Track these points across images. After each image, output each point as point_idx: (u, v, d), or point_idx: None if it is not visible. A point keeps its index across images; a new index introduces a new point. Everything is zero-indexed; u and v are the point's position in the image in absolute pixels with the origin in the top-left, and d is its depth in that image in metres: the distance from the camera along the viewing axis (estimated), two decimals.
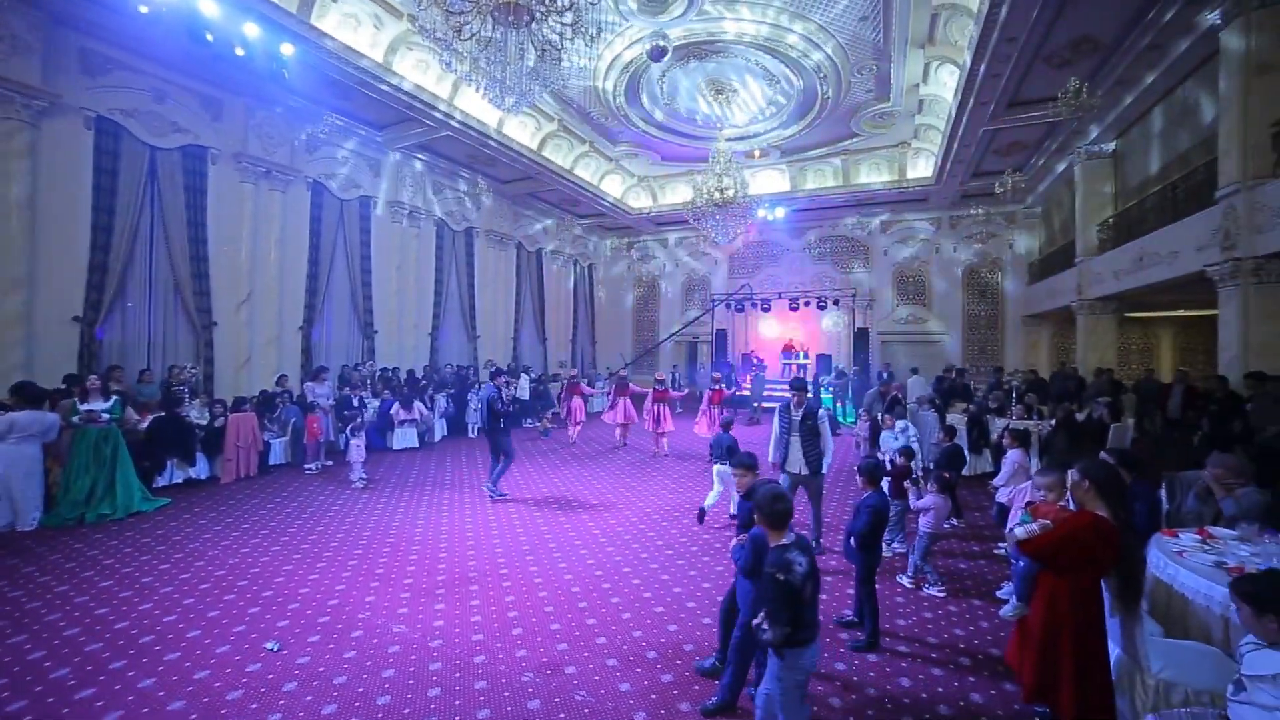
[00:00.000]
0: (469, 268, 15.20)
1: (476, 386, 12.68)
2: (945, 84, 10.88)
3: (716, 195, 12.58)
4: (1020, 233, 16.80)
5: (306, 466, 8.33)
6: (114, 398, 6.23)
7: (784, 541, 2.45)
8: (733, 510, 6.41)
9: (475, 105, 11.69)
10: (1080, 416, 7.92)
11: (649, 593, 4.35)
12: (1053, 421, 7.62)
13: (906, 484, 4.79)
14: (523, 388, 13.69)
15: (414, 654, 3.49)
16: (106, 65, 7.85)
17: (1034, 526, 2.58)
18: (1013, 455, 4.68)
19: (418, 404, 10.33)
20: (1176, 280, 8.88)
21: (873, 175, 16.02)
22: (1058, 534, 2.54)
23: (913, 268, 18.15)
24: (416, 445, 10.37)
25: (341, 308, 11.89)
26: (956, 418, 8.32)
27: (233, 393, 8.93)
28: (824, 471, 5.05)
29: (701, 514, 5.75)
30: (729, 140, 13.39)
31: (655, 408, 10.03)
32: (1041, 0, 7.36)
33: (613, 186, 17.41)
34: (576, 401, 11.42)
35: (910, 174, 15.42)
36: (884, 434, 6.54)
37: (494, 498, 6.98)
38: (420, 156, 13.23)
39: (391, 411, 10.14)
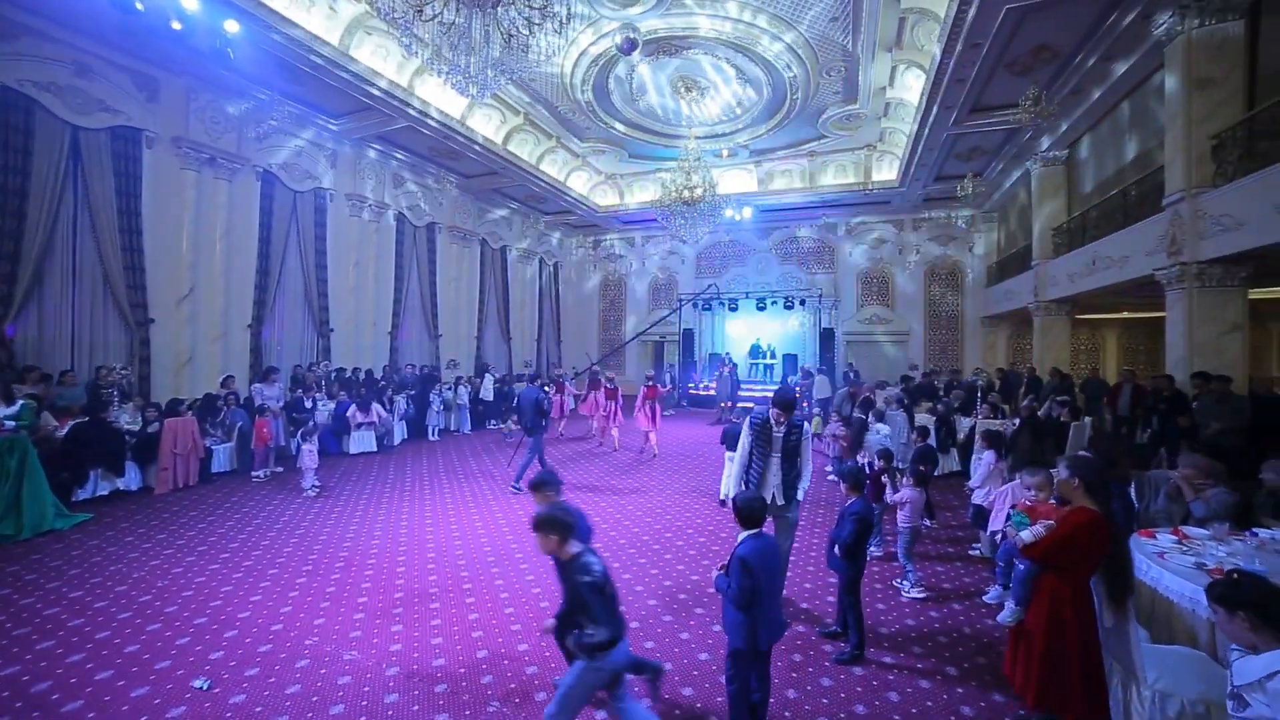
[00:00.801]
0: (431, 264, 14.66)
1: (439, 389, 12.21)
2: (911, 87, 11.03)
3: (685, 193, 12.47)
4: (979, 236, 17.30)
5: (254, 474, 7.76)
6: (21, 402, 5.58)
7: (574, 551, 2.46)
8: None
9: (438, 95, 11.23)
10: (1040, 414, 8.11)
11: (622, 606, 4.11)
12: (1016, 421, 7.77)
13: (883, 479, 4.74)
14: (486, 388, 13.28)
15: (367, 685, 3.17)
16: (12, 30, 7.02)
17: (1039, 528, 2.51)
18: (987, 457, 4.66)
19: (375, 406, 9.84)
20: (1126, 283, 9.21)
21: (839, 177, 16.20)
22: (1062, 533, 2.48)
23: (876, 269, 18.48)
24: (374, 449, 9.88)
25: (295, 305, 11.24)
26: (923, 417, 8.40)
27: (173, 395, 8.24)
28: (800, 499, 4.03)
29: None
30: (698, 139, 13.31)
31: (609, 405, 10.63)
32: (1005, 8, 7.51)
33: (579, 183, 17.11)
34: (566, 400, 12.13)
35: (875, 176, 15.66)
36: (869, 434, 6.47)
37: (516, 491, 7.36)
38: (379, 148, 12.65)
39: (348, 414, 9.62)
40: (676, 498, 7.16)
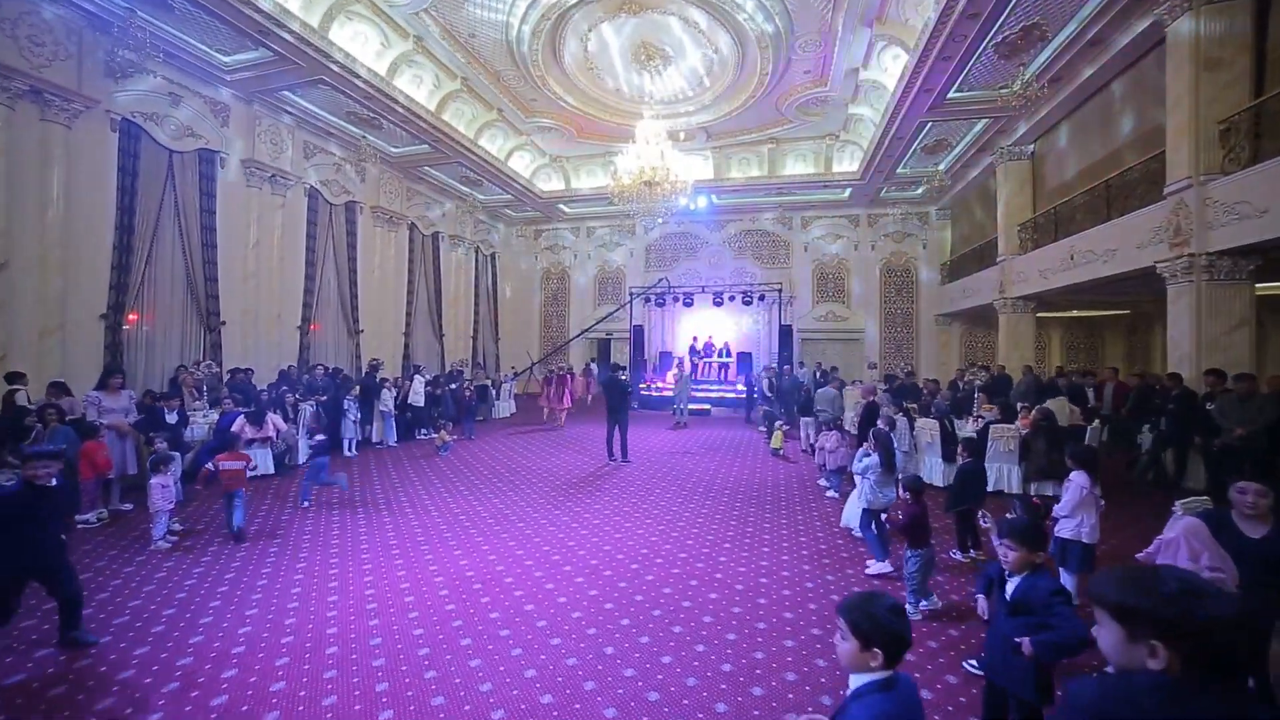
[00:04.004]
0: (350, 249, 12.65)
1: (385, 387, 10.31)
2: (887, 70, 10.33)
3: (648, 174, 11.21)
4: (933, 232, 17.15)
5: (82, 518, 5.65)
6: None
7: None
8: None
9: (358, 46, 9.40)
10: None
11: (656, 693, 2.75)
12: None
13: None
14: (417, 391, 11.48)
15: None
16: None
17: None
18: (1078, 479, 3.62)
19: (272, 417, 7.89)
20: (1110, 278, 8.84)
21: (798, 167, 15.50)
22: None
23: (832, 264, 18.02)
24: (271, 471, 7.94)
25: (173, 291, 9.11)
26: (926, 423, 7.57)
27: None
28: None
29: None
30: (657, 118, 12.09)
31: (561, 390, 12.95)
32: None
33: (521, 164, 15.49)
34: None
35: (836, 168, 15.05)
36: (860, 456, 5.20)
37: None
38: (285, 107, 10.56)
39: (234, 428, 7.62)
40: (682, 526, 5.86)
